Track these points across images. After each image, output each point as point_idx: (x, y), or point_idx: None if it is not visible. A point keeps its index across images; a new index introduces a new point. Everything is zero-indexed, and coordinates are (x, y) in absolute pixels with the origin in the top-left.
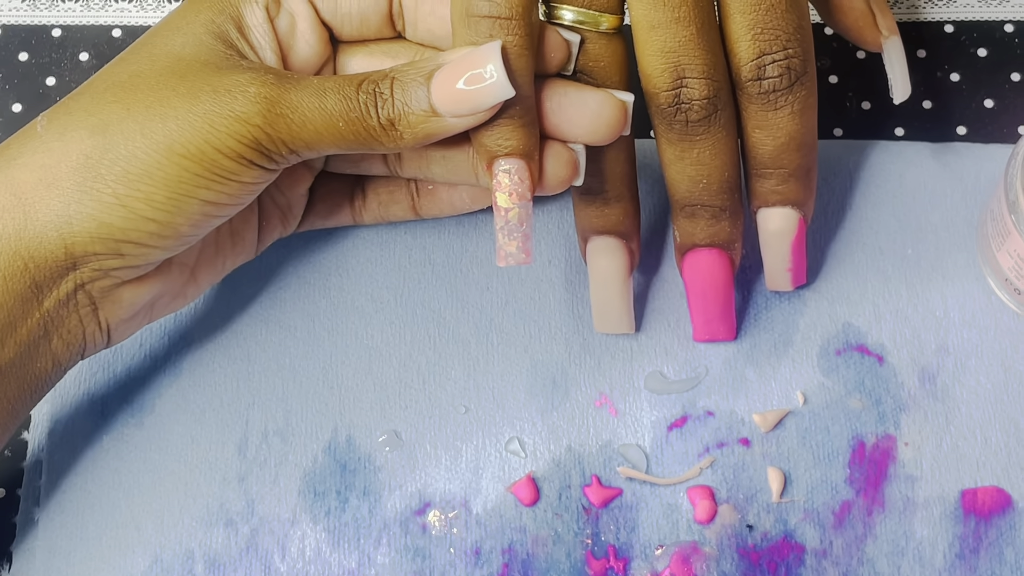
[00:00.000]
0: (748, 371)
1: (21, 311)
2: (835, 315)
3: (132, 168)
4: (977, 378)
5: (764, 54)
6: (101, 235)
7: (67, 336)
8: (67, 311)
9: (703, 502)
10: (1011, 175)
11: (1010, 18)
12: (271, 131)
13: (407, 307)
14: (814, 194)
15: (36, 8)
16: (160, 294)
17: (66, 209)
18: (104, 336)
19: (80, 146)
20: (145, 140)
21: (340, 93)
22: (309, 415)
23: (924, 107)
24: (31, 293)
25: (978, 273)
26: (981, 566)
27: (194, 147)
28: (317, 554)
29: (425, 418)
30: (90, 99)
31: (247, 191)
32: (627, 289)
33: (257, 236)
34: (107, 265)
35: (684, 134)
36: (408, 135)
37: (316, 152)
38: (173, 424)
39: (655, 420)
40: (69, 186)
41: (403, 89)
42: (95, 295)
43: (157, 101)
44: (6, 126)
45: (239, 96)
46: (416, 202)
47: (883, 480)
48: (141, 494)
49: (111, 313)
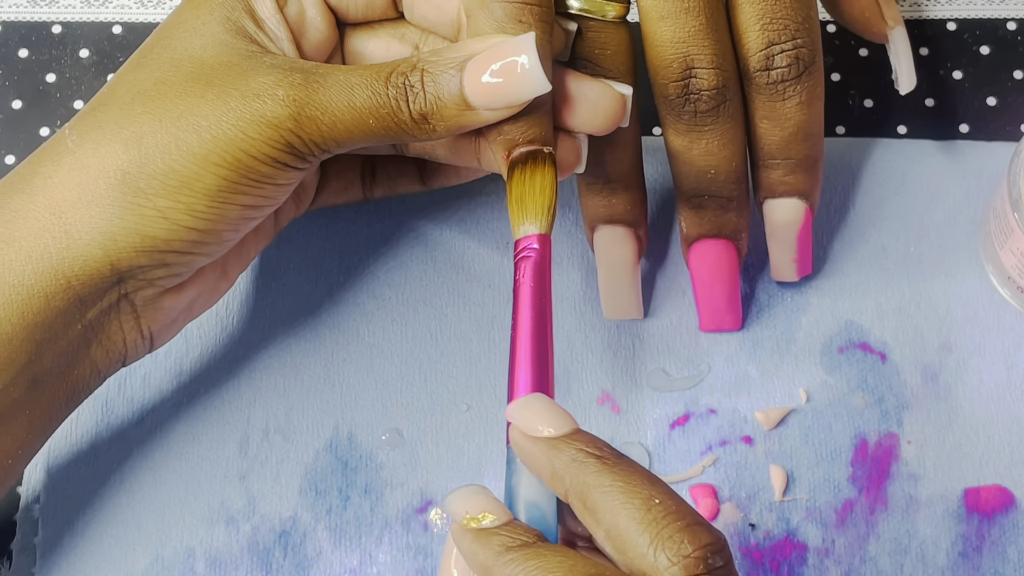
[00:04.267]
0: (751, 368)
1: (63, 325)
2: (838, 313)
3: (171, 181)
4: (980, 376)
5: (773, 44)
6: (145, 248)
7: (107, 344)
8: (108, 320)
9: (705, 500)
10: (1014, 173)
11: (1013, 16)
12: (302, 133)
13: (408, 304)
14: (820, 184)
15: (36, 4)
16: (198, 295)
17: (108, 226)
18: (146, 343)
19: (116, 161)
20: (181, 153)
21: (369, 89)
22: (310, 413)
23: (927, 105)
24: (75, 308)
25: (981, 271)
26: (984, 565)
27: (230, 156)
28: (318, 552)
29: (427, 416)
30: (118, 111)
31: (283, 191)
32: (635, 276)
33: (274, 220)
34: (151, 276)
35: (693, 125)
36: (441, 128)
37: (347, 148)
38: (174, 422)
39: (657, 418)
40: (109, 203)
41: (435, 81)
42: (138, 304)
43: (187, 110)
44: (6, 123)
45: (268, 101)
46: (424, 174)
47: (886, 478)
48: (142, 492)
49: (153, 320)
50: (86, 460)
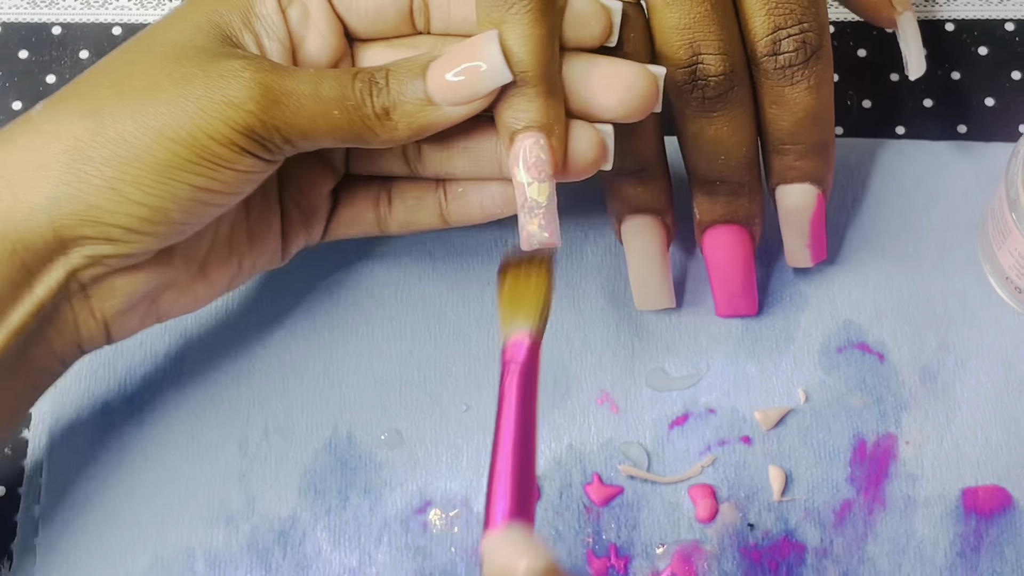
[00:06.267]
0: (750, 368)
1: (11, 296)
2: (836, 312)
3: (121, 151)
4: (978, 376)
5: (779, 29)
6: (90, 217)
7: (61, 326)
8: (59, 298)
9: (704, 500)
10: (1012, 173)
11: (1011, 16)
12: (265, 117)
13: (408, 303)
14: (832, 169)
15: (36, 6)
16: (160, 286)
17: (55, 191)
18: (101, 328)
19: (71, 128)
20: (135, 124)
21: (336, 81)
22: (310, 412)
23: (925, 106)
24: (21, 277)
25: (979, 271)
26: (982, 565)
27: (185, 132)
28: (318, 552)
29: (426, 416)
30: (85, 86)
31: (242, 180)
32: (666, 265)
33: (281, 242)
34: (98, 252)
35: (701, 111)
36: (403, 125)
37: (311, 143)
38: (173, 421)
39: (656, 418)
40: (58, 168)
41: (398, 79)
42: (86, 283)
43: (150, 86)
44: (6, 123)
45: (232, 81)
46: (444, 208)
47: (884, 479)
48: (142, 492)
49: (105, 304)
50: (86, 460)
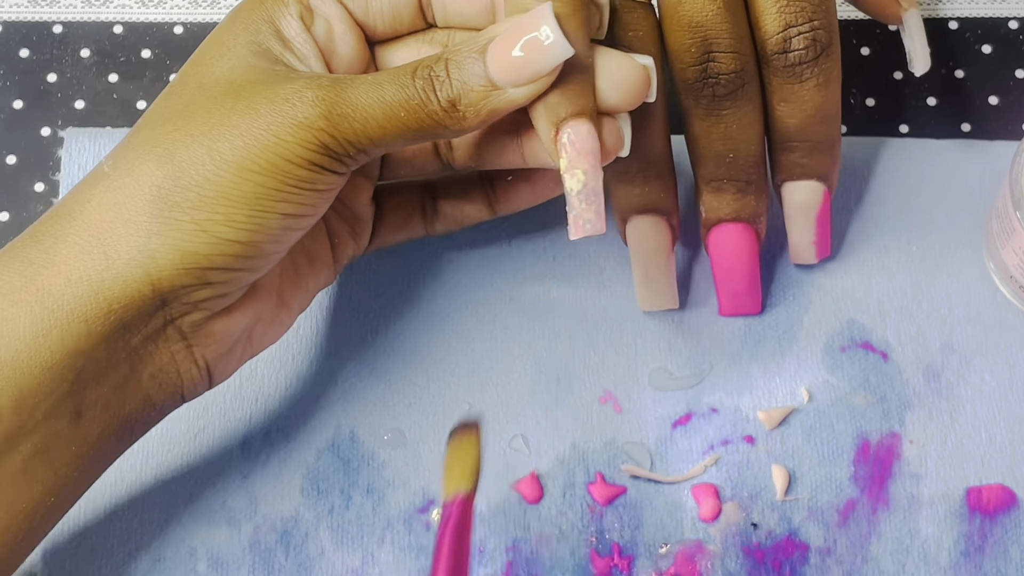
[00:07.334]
0: (753, 367)
1: (106, 352)
2: (840, 312)
3: (207, 192)
4: (982, 376)
5: (790, 26)
6: (186, 265)
7: (160, 376)
8: (156, 348)
9: (707, 500)
10: (1016, 172)
11: (1015, 15)
12: (335, 132)
13: (410, 303)
14: (838, 166)
15: (37, 4)
16: (252, 322)
17: (147, 244)
18: (203, 374)
19: (150, 178)
20: (214, 162)
21: (397, 83)
22: (312, 412)
23: (929, 104)
24: (117, 334)
25: (983, 270)
26: (986, 564)
27: (264, 161)
28: (320, 552)
29: (429, 415)
30: (150, 132)
31: (322, 198)
32: (670, 265)
33: (332, 255)
34: (196, 297)
35: (711, 109)
36: (471, 114)
37: (384, 147)
38: (176, 421)
39: (659, 417)
40: (146, 220)
41: (459, 67)
42: (186, 331)
43: (219, 122)
44: (7, 123)
45: (297, 103)
46: (492, 198)
47: (888, 478)
48: (144, 492)
49: (206, 348)
50: None
